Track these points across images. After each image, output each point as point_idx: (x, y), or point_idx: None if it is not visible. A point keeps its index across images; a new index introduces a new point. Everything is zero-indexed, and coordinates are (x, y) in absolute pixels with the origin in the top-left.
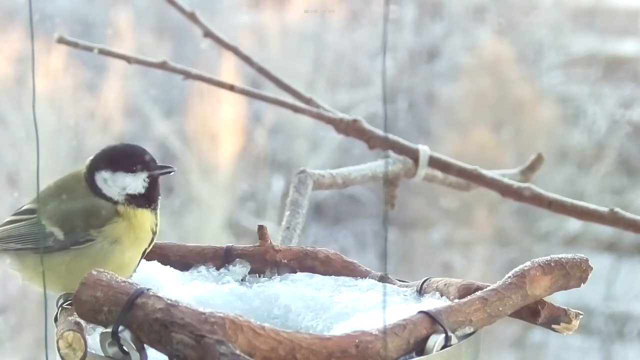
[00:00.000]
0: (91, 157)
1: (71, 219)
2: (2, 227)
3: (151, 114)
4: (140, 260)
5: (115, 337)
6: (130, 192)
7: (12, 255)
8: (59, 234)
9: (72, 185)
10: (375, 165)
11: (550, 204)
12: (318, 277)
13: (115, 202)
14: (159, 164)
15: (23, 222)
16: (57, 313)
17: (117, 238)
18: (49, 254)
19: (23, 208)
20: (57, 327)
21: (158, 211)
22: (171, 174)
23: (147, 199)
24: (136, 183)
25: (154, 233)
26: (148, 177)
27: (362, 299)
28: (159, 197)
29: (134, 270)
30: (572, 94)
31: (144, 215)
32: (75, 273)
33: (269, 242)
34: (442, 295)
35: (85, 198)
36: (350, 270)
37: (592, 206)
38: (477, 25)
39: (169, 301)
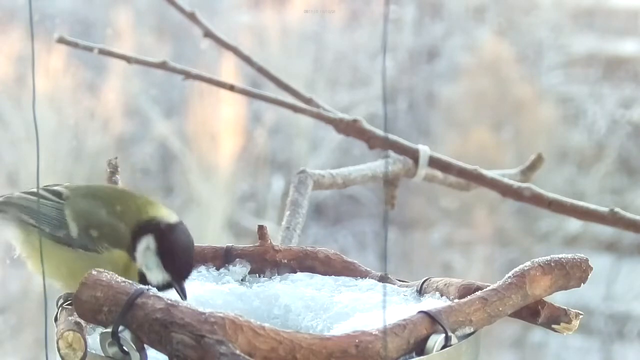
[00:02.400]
0: (156, 219)
1: (98, 226)
2: (26, 195)
3: (151, 114)
4: None
5: (115, 337)
6: (148, 276)
7: (16, 227)
8: (74, 230)
9: (122, 206)
10: (375, 165)
11: (550, 204)
12: (318, 277)
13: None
14: (184, 287)
15: (48, 202)
16: (57, 313)
17: (115, 265)
18: (55, 242)
19: (54, 188)
20: (57, 327)
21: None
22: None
23: (144, 282)
24: (157, 278)
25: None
26: (168, 283)
27: (362, 299)
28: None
29: None
30: (572, 94)
31: (135, 272)
32: (74, 272)
33: (269, 242)
34: (442, 295)
35: (121, 222)
36: (350, 270)
37: (592, 206)
38: (477, 25)
39: (169, 301)
